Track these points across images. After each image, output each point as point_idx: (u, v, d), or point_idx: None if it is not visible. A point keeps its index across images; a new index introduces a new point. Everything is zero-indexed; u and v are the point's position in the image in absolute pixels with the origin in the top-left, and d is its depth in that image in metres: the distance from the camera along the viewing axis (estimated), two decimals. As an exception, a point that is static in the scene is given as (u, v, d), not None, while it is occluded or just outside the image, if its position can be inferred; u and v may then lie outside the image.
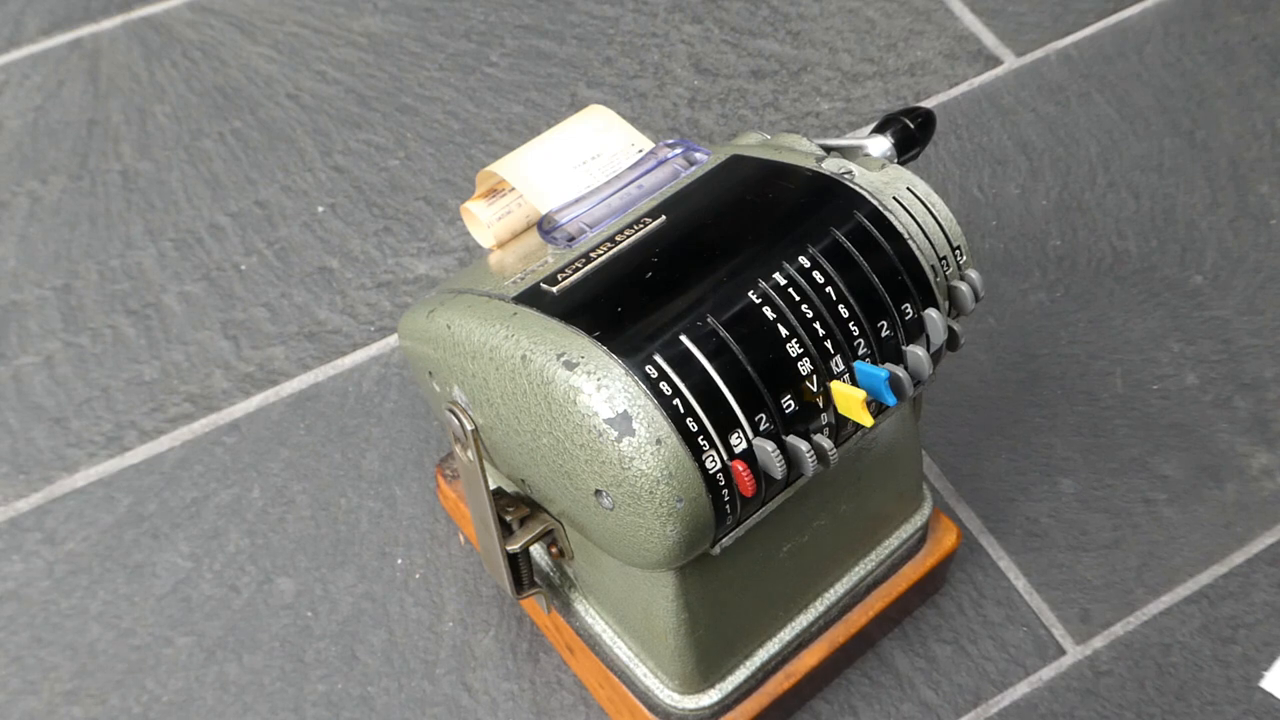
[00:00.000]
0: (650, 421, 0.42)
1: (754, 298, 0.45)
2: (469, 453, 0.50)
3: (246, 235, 0.75)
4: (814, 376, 0.45)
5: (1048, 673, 0.62)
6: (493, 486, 0.52)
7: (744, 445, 0.44)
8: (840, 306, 0.46)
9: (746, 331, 0.44)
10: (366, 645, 0.62)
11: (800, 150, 0.51)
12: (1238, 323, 0.73)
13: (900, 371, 0.46)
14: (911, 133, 0.53)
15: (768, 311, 0.45)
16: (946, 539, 0.61)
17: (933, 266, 0.48)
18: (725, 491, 0.44)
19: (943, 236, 0.49)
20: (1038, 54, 0.84)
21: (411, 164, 0.79)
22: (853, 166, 0.49)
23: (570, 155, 0.52)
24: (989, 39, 0.85)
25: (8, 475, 0.67)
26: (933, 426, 0.69)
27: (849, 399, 0.44)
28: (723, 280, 0.45)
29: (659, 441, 0.42)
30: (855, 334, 0.46)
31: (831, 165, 0.49)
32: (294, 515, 0.66)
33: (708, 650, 0.53)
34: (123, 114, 0.80)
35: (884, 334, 0.46)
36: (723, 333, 0.44)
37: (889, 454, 0.54)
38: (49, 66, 0.83)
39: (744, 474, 0.44)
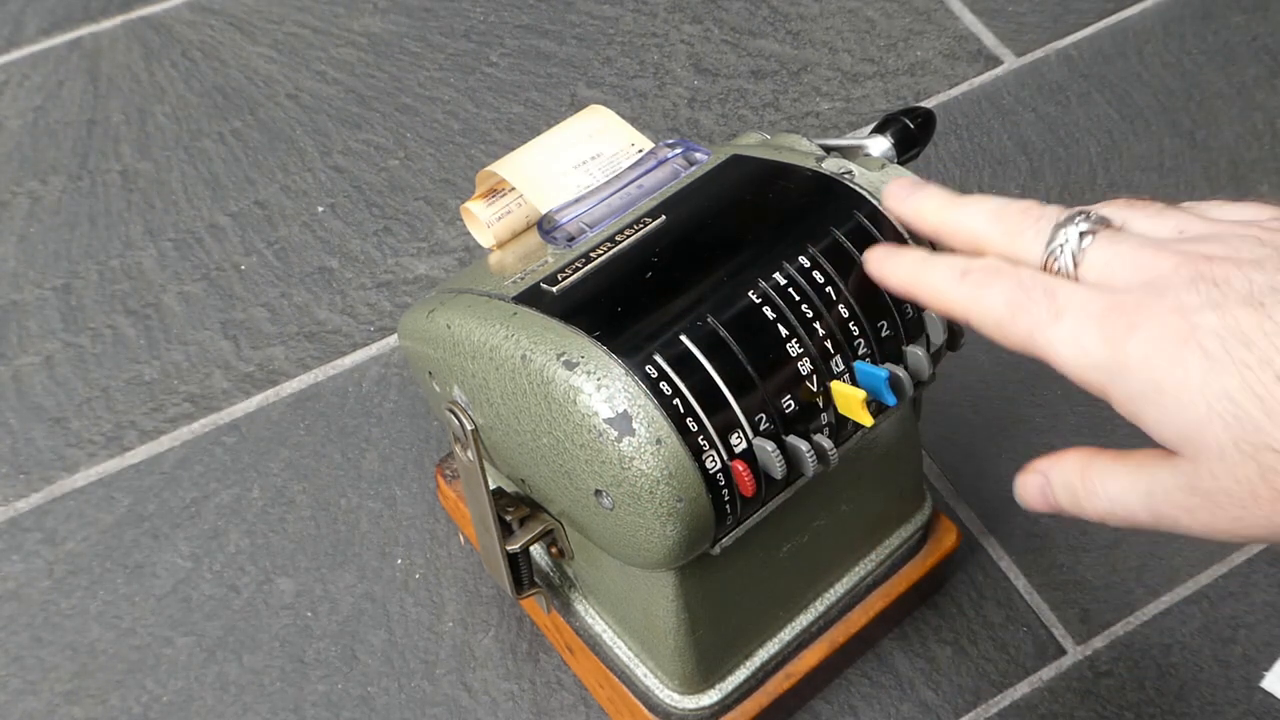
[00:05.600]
0: (650, 421, 0.42)
1: (754, 297, 0.45)
2: (469, 453, 0.50)
3: (246, 235, 0.75)
4: (814, 376, 0.45)
5: (1048, 673, 0.62)
6: (493, 486, 0.52)
7: (744, 445, 0.44)
8: (840, 306, 0.46)
9: (746, 331, 0.44)
10: (366, 645, 0.62)
11: (800, 150, 0.51)
12: (1238, 323, 0.73)
13: (900, 371, 0.46)
14: (911, 133, 0.53)
15: (768, 311, 0.45)
16: (946, 539, 0.61)
17: (933, 266, 0.48)
18: (725, 491, 0.44)
19: (943, 236, 0.49)
20: (1038, 54, 0.84)
21: (411, 164, 0.79)
22: (853, 166, 0.49)
23: (570, 155, 0.52)
24: (989, 39, 0.85)
25: (8, 475, 0.67)
26: (933, 426, 0.68)
27: (849, 399, 0.44)
28: (722, 280, 0.45)
29: (659, 441, 0.42)
30: (855, 334, 0.46)
31: (831, 165, 0.49)
32: (294, 515, 0.66)
33: (708, 650, 0.53)
34: (123, 114, 0.80)
35: (884, 334, 0.46)
36: (723, 332, 0.44)
37: (889, 454, 0.54)
38: (49, 66, 0.83)
39: (744, 474, 0.43)
